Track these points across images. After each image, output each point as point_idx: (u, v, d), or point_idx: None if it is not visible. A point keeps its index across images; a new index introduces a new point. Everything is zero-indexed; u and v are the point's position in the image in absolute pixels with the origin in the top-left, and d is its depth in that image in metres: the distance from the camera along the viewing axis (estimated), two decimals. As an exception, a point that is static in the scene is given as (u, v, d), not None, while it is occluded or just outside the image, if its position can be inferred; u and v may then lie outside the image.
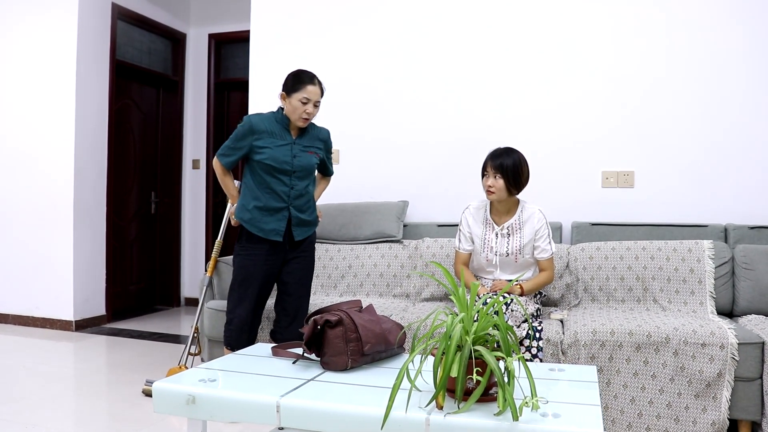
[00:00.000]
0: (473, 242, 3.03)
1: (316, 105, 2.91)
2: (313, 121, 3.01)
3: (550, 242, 2.96)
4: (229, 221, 3.16)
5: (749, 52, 3.49)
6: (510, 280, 2.92)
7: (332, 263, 3.70)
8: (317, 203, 3.21)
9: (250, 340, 2.93)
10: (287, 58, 4.26)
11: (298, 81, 2.87)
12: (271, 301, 3.18)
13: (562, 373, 1.90)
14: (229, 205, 3.20)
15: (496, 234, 2.97)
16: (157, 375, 3.47)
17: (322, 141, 3.09)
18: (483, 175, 2.94)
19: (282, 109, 2.95)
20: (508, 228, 2.96)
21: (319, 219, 3.21)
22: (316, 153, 3.02)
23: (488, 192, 2.90)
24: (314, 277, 3.70)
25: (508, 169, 2.85)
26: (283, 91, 2.91)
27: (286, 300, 3.01)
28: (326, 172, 3.24)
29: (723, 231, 3.37)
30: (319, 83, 2.92)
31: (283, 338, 2.94)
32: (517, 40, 3.85)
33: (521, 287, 2.87)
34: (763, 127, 3.48)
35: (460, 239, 3.07)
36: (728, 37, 3.52)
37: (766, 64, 3.47)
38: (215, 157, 2.98)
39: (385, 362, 2.00)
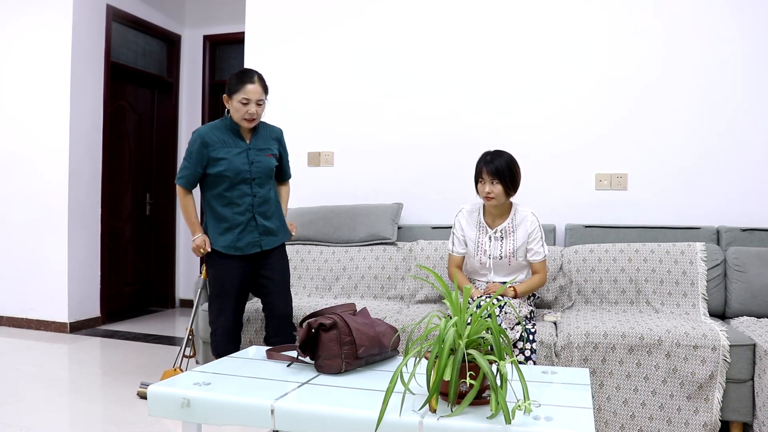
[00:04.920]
0: (466, 245, 3.04)
1: (259, 104, 2.81)
2: (264, 120, 2.96)
3: (543, 245, 2.97)
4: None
5: (743, 55, 3.52)
6: (504, 283, 2.93)
7: (327, 265, 3.71)
8: (288, 215, 3.12)
9: (236, 346, 2.91)
10: (282, 59, 4.27)
11: (238, 81, 2.79)
12: (259, 305, 3.18)
13: (555, 376, 1.91)
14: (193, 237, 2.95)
15: (490, 237, 2.98)
16: (151, 377, 3.47)
17: (277, 140, 3.01)
18: (477, 181, 2.94)
19: (229, 113, 2.87)
20: (501, 231, 2.97)
21: (292, 233, 3.10)
22: (273, 155, 2.96)
23: (487, 198, 2.89)
24: (309, 279, 3.71)
25: (505, 173, 2.86)
26: (225, 93, 2.83)
27: (270, 303, 2.97)
28: (284, 176, 3.13)
29: (715, 233, 3.39)
30: (261, 81, 2.83)
31: (276, 342, 2.93)
32: (512, 43, 3.86)
33: (515, 290, 2.88)
34: (756, 130, 3.50)
35: (453, 242, 3.08)
36: (722, 40, 3.54)
37: (759, 68, 3.50)
38: (176, 182, 2.91)
39: (379, 365, 2.01)
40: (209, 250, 2.89)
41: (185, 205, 2.92)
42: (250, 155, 2.87)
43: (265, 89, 2.85)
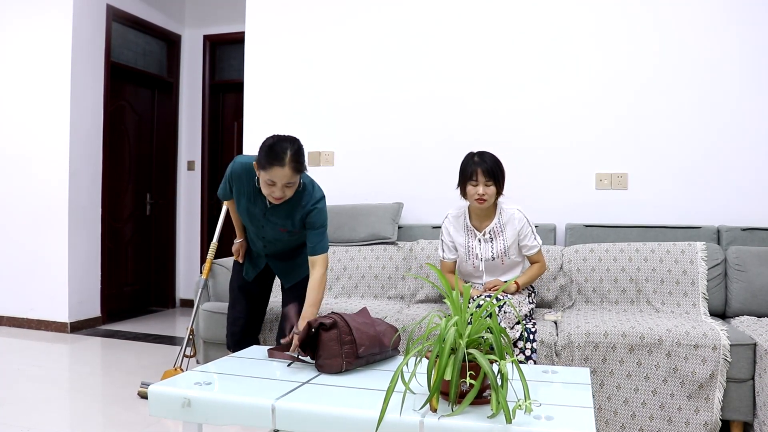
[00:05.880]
0: (456, 251, 3.02)
1: (289, 186, 2.38)
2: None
3: (535, 237, 2.94)
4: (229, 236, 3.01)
5: (742, 53, 3.52)
6: (504, 282, 2.92)
7: (327, 265, 3.71)
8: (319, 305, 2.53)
9: (243, 338, 2.86)
10: (282, 59, 4.27)
11: (266, 158, 2.33)
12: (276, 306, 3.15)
13: (556, 375, 1.91)
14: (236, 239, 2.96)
15: (479, 240, 2.96)
16: (152, 377, 3.47)
17: (301, 217, 2.56)
18: (467, 184, 2.85)
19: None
20: (489, 232, 2.95)
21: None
22: (291, 231, 2.63)
23: (480, 200, 2.82)
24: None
25: (497, 173, 2.83)
26: (256, 159, 2.42)
27: (285, 305, 2.90)
28: (312, 250, 2.56)
29: (716, 232, 3.39)
30: (293, 161, 2.32)
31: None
32: (512, 44, 3.86)
33: (516, 283, 2.87)
34: (756, 128, 3.50)
35: (443, 249, 3.05)
36: (721, 38, 3.54)
37: (759, 66, 3.49)
38: None
39: (379, 365, 2.01)
40: (240, 261, 2.91)
41: (230, 210, 2.90)
42: (262, 220, 2.64)
43: (298, 169, 2.37)
